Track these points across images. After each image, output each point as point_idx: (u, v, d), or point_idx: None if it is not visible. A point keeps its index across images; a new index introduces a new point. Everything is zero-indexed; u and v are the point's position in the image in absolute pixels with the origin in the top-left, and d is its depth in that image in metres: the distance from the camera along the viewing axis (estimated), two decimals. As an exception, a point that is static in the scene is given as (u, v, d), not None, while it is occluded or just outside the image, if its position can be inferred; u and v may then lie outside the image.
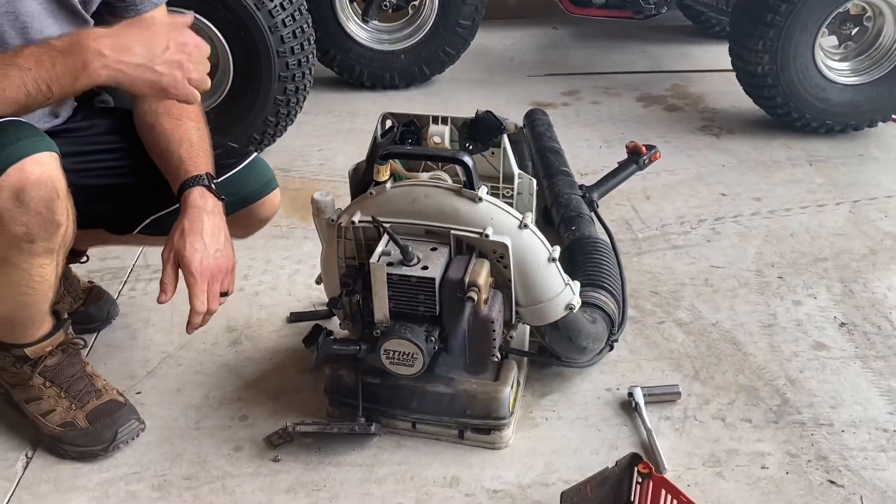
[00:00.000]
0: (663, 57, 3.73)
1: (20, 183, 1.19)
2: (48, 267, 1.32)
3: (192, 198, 1.40)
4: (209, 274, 1.38)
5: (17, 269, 1.28)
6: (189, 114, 1.50)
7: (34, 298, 1.36)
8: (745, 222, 2.30)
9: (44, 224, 1.24)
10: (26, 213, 1.21)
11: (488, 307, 1.41)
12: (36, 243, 1.25)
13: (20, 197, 1.19)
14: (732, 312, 1.90)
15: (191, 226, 1.38)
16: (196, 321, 1.39)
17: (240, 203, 1.56)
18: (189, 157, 1.44)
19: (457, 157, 1.40)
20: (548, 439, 1.54)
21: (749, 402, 1.62)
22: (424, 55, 3.32)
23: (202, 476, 1.47)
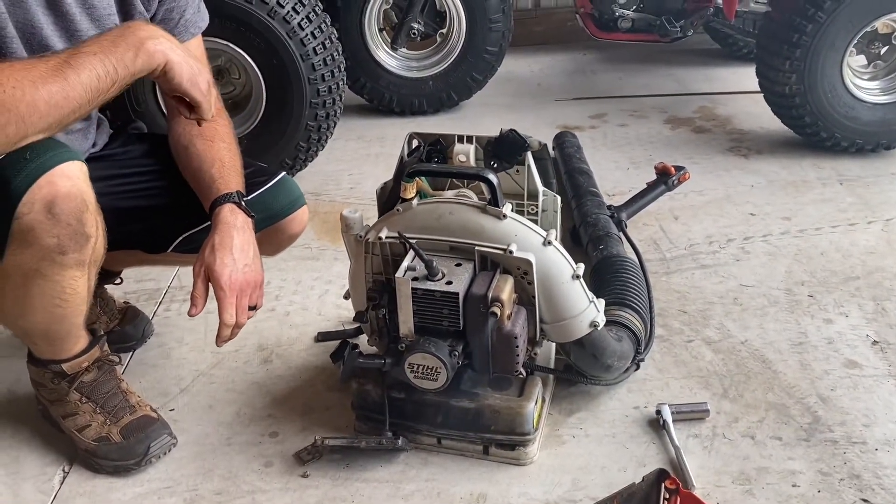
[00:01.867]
0: (690, 79, 3.74)
1: (51, 196, 1.23)
2: (80, 280, 1.36)
3: (223, 214, 1.45)
4: (238, 288, 1.41)
5: (50, 282, 1.32)
6: (222, 136, 1.55)
7: (68, 311, 1.39)
8: (775, 241, 2.28)
9: (74, 236, 1.28)
10: (57, 226, 1.25)
11: (511, 323, 1.42)
12: (67, 255, 1.29)
13: (52, 210, 1.24)
14: (762, 331, 1.88)
15: (221, 241, 1.42)
16: (225, 334, 1.43)
17: (269, 219, 1.60)
18: (220, 177, 1.49)
19: (481, 174, 1.42)
20: (575, 456, 1.54)
21: (779, 420, 1.60)
22: (452, 81, 3.38)
23: (233, 491, 1.50)
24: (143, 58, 1.24)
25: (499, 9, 3.26)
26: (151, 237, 1.63)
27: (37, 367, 1.53)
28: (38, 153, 1.23)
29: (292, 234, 1.67)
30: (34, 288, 1.32)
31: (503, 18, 3.29)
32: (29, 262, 1.28)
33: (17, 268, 1.28)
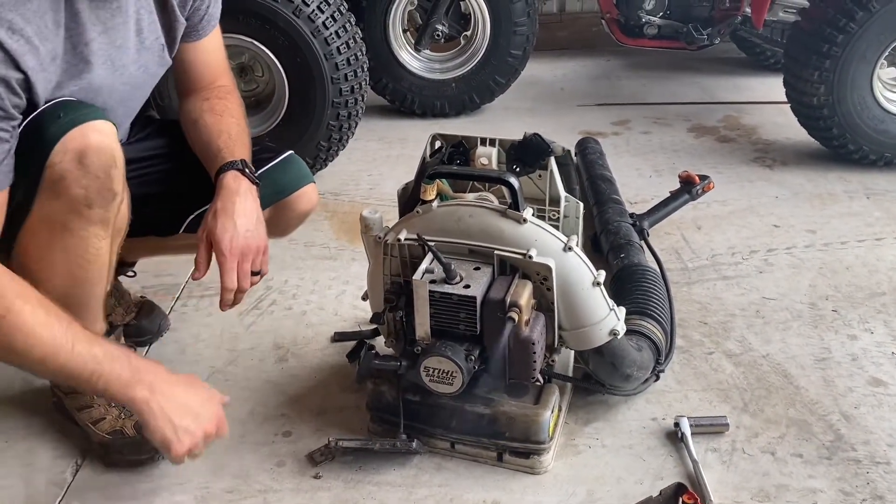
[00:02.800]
0: (715, 88, 3.70)
1: (82, 147, 1.26)
2: (103, 240, 1.37)
3: (226, 181, 1.46)
4: (239, 252, 1.42)
5: (75, 237, 1.33)
6: (231, 112, 1.58)
7: (89, 275, 1.40)
8: (799, 254, 2.25)
9: (101, 190, 1.30)
10: (87, 176, 1.28)
11: (529, 328, 1.40)
12: (93, 209, 1.31)
13: (82, 160, 1.26)
14: (784, 345, 1.85)
15: (223, 206, 1.43)
16: (227, 298, 1.43)
17: (276, 195, 1.61)
18: (226, 147, 1.50)
19: (502, 177, 1.41)
20: (591, 467, 1.52)
21: (801, 436, 1.57)
22: (475, 84, 3.36)
23: (244, 490, 1.49)
24: (121, 395, 1.28)
25: (524, 12, 3.24)
26: (163, 220, 1.64)
27: None
28: (72, 109, 1.27)
29: (301, 211, 1.66)
30: (58, 244, 1.34)
31: (528, 22, 3.27)
32: (57, 213, 1.30)
33: (44, 220, 1.30)
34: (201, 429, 1.31)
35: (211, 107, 1.56)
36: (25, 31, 1.20)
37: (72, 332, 1.23)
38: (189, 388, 1.35)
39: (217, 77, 1.62)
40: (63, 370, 1.24)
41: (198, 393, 1.36)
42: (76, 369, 1.24)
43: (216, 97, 1.58)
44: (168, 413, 1.28)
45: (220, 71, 1.63)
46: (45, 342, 1.20)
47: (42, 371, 1.28)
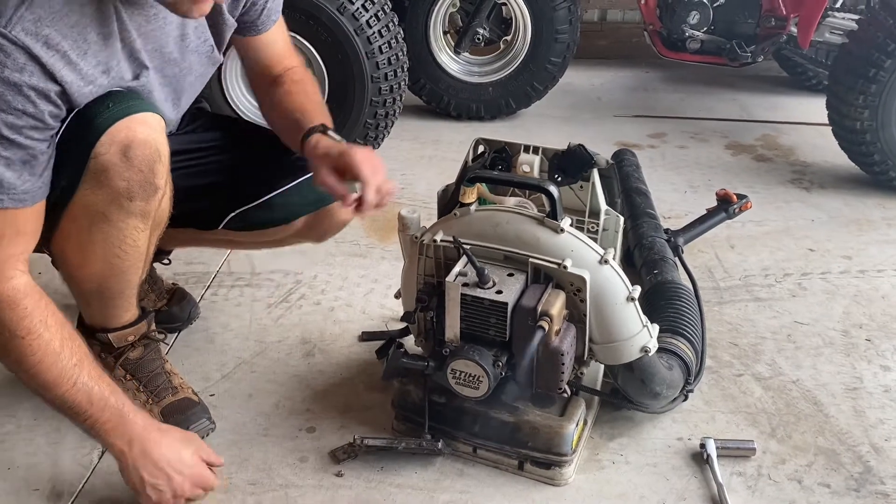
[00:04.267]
0: (755, 106, 3.66)
1: (128, 140, 1.27)
2: (142, 233, 1.38)
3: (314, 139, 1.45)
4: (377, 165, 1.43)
5: (114, 228, 1.34)
6: (306, 91, 1.58)
7: (126, 264, 1.41)
8: (834, 280, 2.21)
9: (144, 184, 1.31)
10: (130, 169, 1.28)
11: (559, 339, 1.39)
12: (134, 202, 1.32)
13: (126, 153, 1.27)
14: (815, 371, 1.82)
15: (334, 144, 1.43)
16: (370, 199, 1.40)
17: (318, 202, 1.61)
18: (304, 119, 1.50)
19: (542, 186, 1.40)
20: (614, 483, 1.50)
21: (829, 466, 1.55)
22: (512, 89, 3.36)
23: (266, 483, 1.49)
24: (102, 440, 1.35)
25: (566, 20, 3.23)
26: (204, 214, 1.64)
27: (85, 337, 1.55)
28: (120, 100, 1.28)
29: (340, 219, 1.66)
30: (98, 234, 1.34)
31: (570, 30, 3.26)
32: (98, 203, 1.30)
33: (85, 209, 1.31)
34: (171, 490, 1.36)
35: (287, 90, 1.56)
36: (62, 45, 1.19)
37: (79, 369, 1.29)
38: (172, 449, 1.37)
39: (285, 63, 1.62)
40: (59, 400, 1.31)
41: (180, 455, 1.37)
42: (71, 404, 1.31)
43: (290, 80, 1.58)
44: (140, 469, 1.34)
45: (287, 58, 1.63)
46: (51, 372, 1.28)
47: (41, 395, 1.33)
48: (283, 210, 1.62)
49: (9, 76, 1.14)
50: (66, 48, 1.19)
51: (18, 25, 1.14)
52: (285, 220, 1.64)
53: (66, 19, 1.19)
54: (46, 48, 1.17)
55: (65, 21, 1.19)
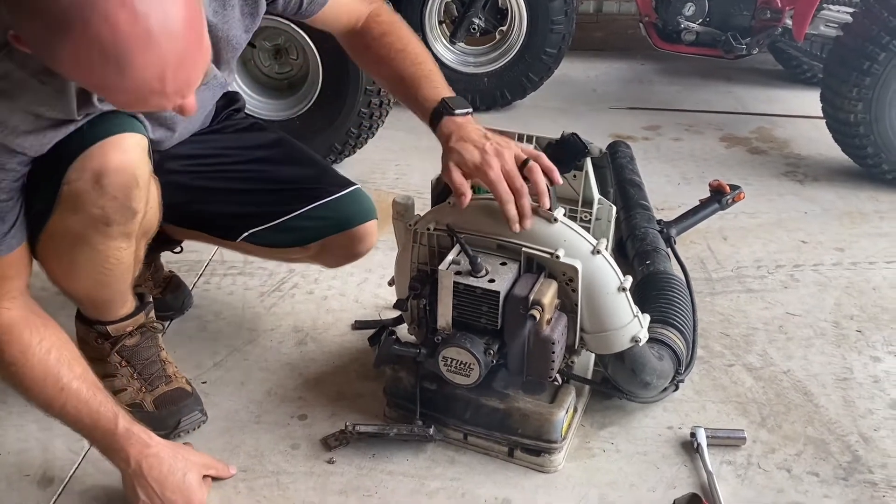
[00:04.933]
0: (749, 99, 3.66)
1: (101, 167, 1.22)
2: (125, 250, 1.36)
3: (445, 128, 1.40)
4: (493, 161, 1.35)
5: (94, 250, 1.32)
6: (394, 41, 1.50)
7: (111, 279, 1.40)
8: (826, 272, 2.22)
9: (120, 209, 1.27)
10: (103, 197, 1.24)
11: (550, 328, 1.40)
12: (112, 226, 1.29)
13: (100, 181, 1.22)
14: (806, 362, 1.83)
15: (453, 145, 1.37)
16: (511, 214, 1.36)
17: (337, 226, 1.61)
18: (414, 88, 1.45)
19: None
20: (604, 471, 1.51)
21: (818, 455, 1.56)
22: (508, 80, 3.35)
23: (258, 470, 1.50)
24: (106, 456, 1.37)
25: (562, 11, 3.23)
26: (222, 226, 1.64)
27: (83, 324, 1.56)
28: (98, 119, 1.23)
29: (359, 245, 1.65)
30: (79, 254, 1.33)
31: (565, 21, 3.26)
32: (75, 226, 1.28)
33: (63, 231, 1.29)
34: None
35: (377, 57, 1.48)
36: (10, 121, 1.13)
37: (65, 394, 1.31)
38: (173, 472, 1.36)
39: (361, 14, 1.53)
40: (57, 419, 1.35)
41: (184, 478, 1.37)
42: (66, 424, 1.35)
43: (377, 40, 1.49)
44: (136, 488, 1.35)
45: (360, 9, 1.53)
46: (39, 398, 1.32)
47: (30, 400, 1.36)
48: (298, 233, 1.63)
49: None
50: (17, 122, 1.13)
51: None
52: (299, 242, 1.64)
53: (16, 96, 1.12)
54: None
55: (15, 98, 1.12)
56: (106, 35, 0.93)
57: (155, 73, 0.98)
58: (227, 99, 1.70)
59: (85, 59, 0.95)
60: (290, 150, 1.70)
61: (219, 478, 1.45)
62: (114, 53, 0.94)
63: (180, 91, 1.03)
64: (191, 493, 1.37)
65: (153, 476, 1.34)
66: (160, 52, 0.97)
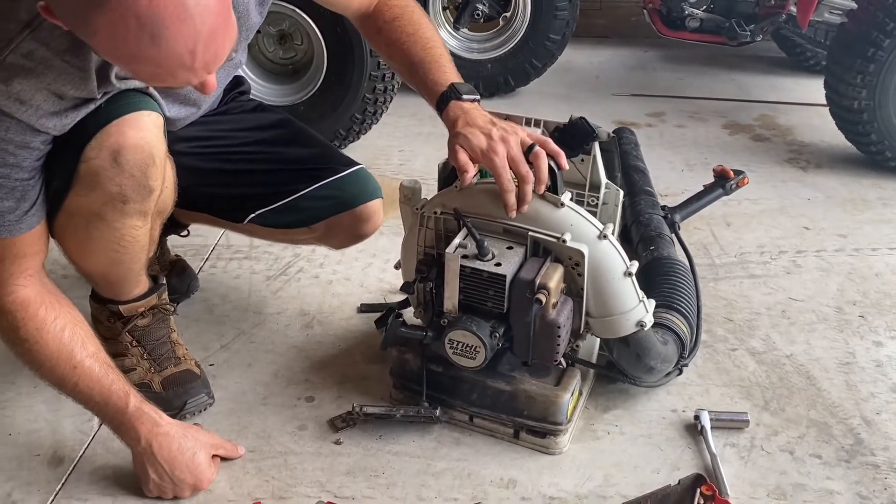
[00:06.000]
0: (752, 86, 3.66)
1: (118, 144, 1.24)
2: (140, 229, 1.37)
3: (451, 112, 1.40)
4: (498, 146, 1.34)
5: (110, 227, 1.33)
6: (405, 25, 1.50)
7: (126, 257, 1.41)
8: (828, 258, 2.23)
9: (137, 187, 1.29)
10: (121, 174, 1.26)
11: (556, 312, 1.41)
12: (128, 204, 1.30)
13: (117, 158, 1.24)
14: (808, 346, 1.85)
15: (459, 130, 1.37)
16: (509, 201, 1.37)
17: (341, 205, 1.62)
18: (423, 72, 1.45)
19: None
20: (608, 453, 1.53)
21: (820, 438, 1.57)
22: (511, 66, 3.35)
23: (266, 450, 1.51)
24: (118, 434, 1.40)
25: (566, -3, 3.22)
26: (229, 208, 1.66)
27: (97, 303, 1.57)
28: (114, 98, 1.24)
29: (365, 224, 1.66)
30: (95, 231, 1.34)
31: (569, 7, 3.25)
32: (92, 204, 1.29)
33: (80, 209, 1.30)
34: (172, 491, 1.39)
35: (389, 40, 1.48)
36: (35, 99, 1.14)
37: (78, 372, 1.33)
38: (182, 452, 1.38)
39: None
40: (70, 397, 1.38)
41: (192, 457, 1.39)
42: (78, 402, 1.38)
43: (388, 23, 1.49)
44: (146, 465, 1.37)
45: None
46: (52, 375, 1.35)
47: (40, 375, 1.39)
48: (303, 213, 1.64)
49: None
50: (40, 101, 1.15)
51: None
52: (305, 222, 1.66)
53: (40, 75, 1.13)
54: (19, 104, 1.13)
55: (39, 76, 1.13)
56: (143, 5, 0.94)
57: (187, 46, 1.00)
58: (232, 82, 1.71)
59: (120, 28, 0.96)
60: (294, 131, 1.71)
61: (228, 458, 1.47)
62: (150, 24, 0.96)
63: (207, 66, 1.05)
64: (200, 472, 1.38)
65: (163, 455, 1.36)
66: (194, 26, 0.98)
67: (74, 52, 1.13)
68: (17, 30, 1.10)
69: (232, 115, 1.69)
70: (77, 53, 1.13)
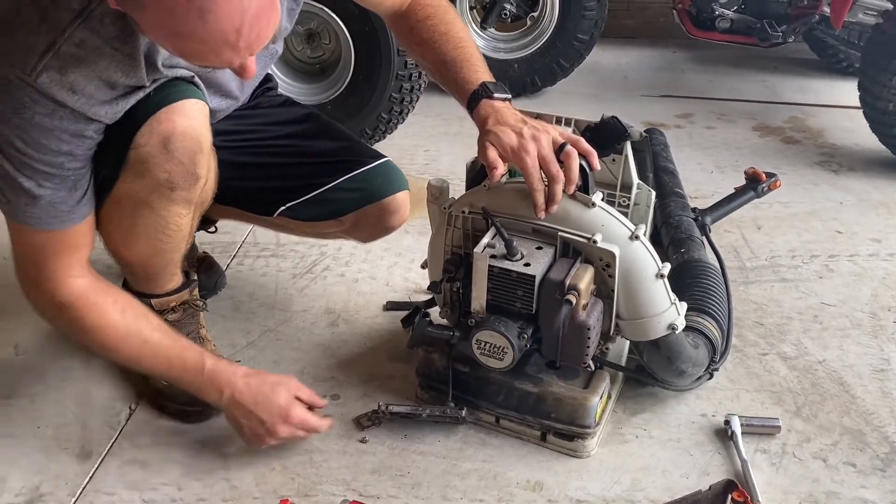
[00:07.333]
0: (782, 88, 3.61)
1: (168, 131, 1.26)
2: (184, 217, 1.39)
3: (481, 113, 1.40)
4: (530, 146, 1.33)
5: (156, 214, 1.36)
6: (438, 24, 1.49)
7: (168, 246, 1.43)
8: (862, 262, 2.19)
9: (185, 174, 1.31)
10: (170, 161, 1.28)
11: (586, 313, 1.39)
12: (176, 191, 1.32)
13: (167, 145, 1.27)
14: (841, 352, 1.81)
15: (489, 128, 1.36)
16: (538, 201, 1.35)
17: (367, 198, 1.62)
18: (457, 69, 1.44)
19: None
20: (636, 457, 1.51)
21: (854, 445, 1.54)
22: (538, 66, 3.33)
23: (292, 448, 1.51)
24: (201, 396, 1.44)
25: (595, -4, 3.19)
26: (259, 200, 1.66)
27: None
28: (162, 87, 1.26)
29: (388, 225, 1.67)
30: (140, 218, 1.36)
31: (598, 7, 3.23)
32: (140, 191, 1.31)
33: (127, 196, 1.32)
34: (265, 431, 1.41)
35: (420, 39, 1.47)
36: (87, 88, 1.16)
37: (150, 345, 1.38)
38: (262, 394, 1.41)
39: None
40: (146, 371, 1.45)
41: (272, 398, 1.42)
42: (156, 373, 1.44)
43: (421, 22, 1.48)
44: (235, 415, 1.42)
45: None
46: (128, 352, 1.38)
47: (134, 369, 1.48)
48: (332, 205, 1.64)
49: (39, 121, 1.15)
50: (92, 90, 1.17)
51: (44, 74, 1.12)
52: (334, 215, 1.66)
53: (92, 63, 1.15)
54: (72, 93, 1.15)
55: (91, 65, 1.15)
56: None
57: (234, 23, 1.01)
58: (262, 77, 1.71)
59: (169, 2, 0.98)
60: (322, 125, 1.72)
61: (311, 404, 1.47)
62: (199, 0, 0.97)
63: (251, 46, 1.05)
64: (285, 403, 1.42)
65: (245, 398, 1.40)
66: (241, 4, 1.00)
67: (123, 38, 1.15)
68: (70, 19, 1.12)
69: (261, 110, 1.70)
70: (126, 40, 1.16)
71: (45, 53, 1.12)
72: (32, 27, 1.12)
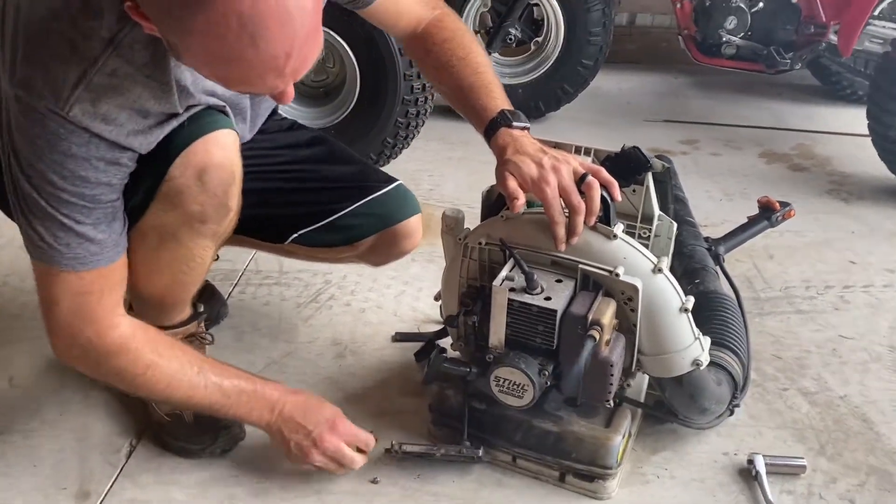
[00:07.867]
0: (788, 115, 3.59)
1: (203, 163, 1.23)
2: (209, 250, 1.36)
3: (499, 142, 1.36)
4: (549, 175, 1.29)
5: (183, 247, 1.32)
6: (456, 49, 1.45)
7: (189, 278, 1.40)
8: (877, 294, 2.15)
9: (217, 207, 1.28)
10: (204, 193, 1.25)
11: (609, 349, 1.34)
12: (206, 224, 1.29)
13: (202, 177, 1.24)
14: (863, 387, 1.77)
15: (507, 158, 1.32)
16: (558, 234, 1.32)
17: (385, 222, 1.58)
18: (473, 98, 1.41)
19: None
20: (658, 498, 1.45)
21: (881, 486, 1.49)
22: (542, 91, 3.30)
23: (300, 489, 1.45)
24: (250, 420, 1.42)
25: (600, 21, 3.18)
26: (269, 228, 1.62)
27: None
28: (196, 116, 1.22)
29: (402, 249, 1.64)
30: (165, 251, 1.32)
31: (602, 32, 3.21)
32: (169, 224, 1.28)
33: (154, 228, 1.28)
34: (311, 441, 1.40)
35: (437, 63, 1.44)
36: (120, 118, 1.14)
37: (203, 375, 1.34)
38: (310, 408, 1.42)
39: (423, 19, 1.47)
40: (200, 406, 1.38)
41: (319, 412, 1.42)
42: (210, 405, 1.37)
43: (437, 46, 1.44)
44: (282, 430, 1.40)
45: (421, 14, 1.47)
46: (181, 389, 1.34)
47: (184, 407, 1.46)
48: (346, 231, 1.60)
49: (76, 151, 1.12)
50: (124, 120, 1.14)
51: (77, 106, 1.09)
52: (348, 241, 1.62)
53: (124, 93, 1.13)
54: (105, 124, 1.13)
55: (123, 93, 1.13)
56: (247, 4, 0.93)
57: (283, 49, 0.98)
58: None
59: (221, 28, 0.94)
60: (331, 148, 1.69)
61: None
62: (251, 24, 0.94)
63: (296, 71, 1.02)
64: (332, 419, 1.41)
65: (290, 411, 1.39)
66: (293, 28, 0.97)
67: (154, 64, 1.12)
68: (101, 48, 1.08)
69: (268, 135, 1.66)
70: (156, 66, 1.13)
71: (77, 85, 1.09)
72: (63, 58, 1.08)
